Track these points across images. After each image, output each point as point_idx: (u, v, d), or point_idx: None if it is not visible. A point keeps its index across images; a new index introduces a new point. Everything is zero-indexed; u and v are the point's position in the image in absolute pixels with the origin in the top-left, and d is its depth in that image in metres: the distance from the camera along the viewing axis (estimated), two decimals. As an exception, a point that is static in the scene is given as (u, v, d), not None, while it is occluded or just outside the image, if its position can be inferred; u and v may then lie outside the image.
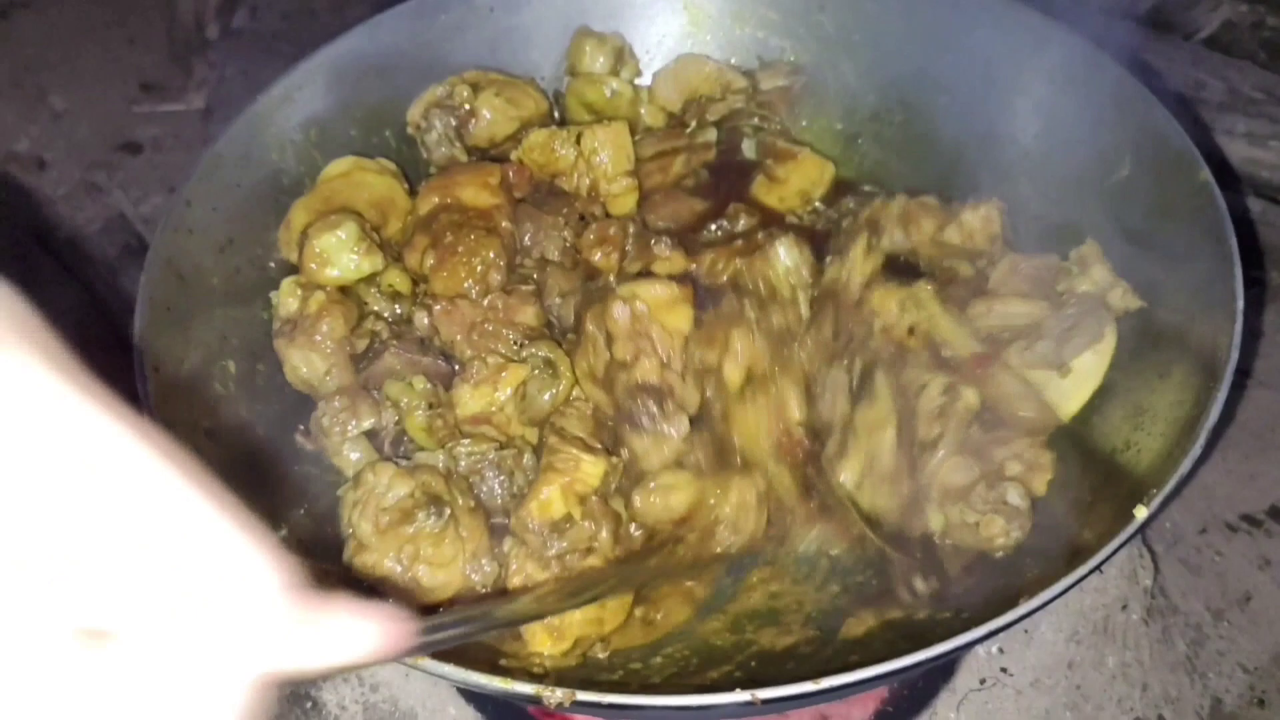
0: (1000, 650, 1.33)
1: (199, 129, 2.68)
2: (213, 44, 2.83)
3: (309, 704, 1.27)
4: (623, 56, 1.69)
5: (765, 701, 0.95)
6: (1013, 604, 0.97)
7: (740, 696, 0.95)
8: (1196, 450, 1.07)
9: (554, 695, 0.95)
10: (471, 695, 1.29)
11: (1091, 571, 0.99)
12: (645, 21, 1.76)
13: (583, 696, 0.96)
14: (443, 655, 0.97)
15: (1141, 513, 1.03)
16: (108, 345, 2.27)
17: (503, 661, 1.13)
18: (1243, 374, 2.08)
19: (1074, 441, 1.27)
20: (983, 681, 1.31)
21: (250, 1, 2.96)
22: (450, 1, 1.67)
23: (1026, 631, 1.34)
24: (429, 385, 1.32)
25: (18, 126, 2.70)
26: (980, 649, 1.33)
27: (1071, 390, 1.25)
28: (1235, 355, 1.14)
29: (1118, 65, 1.44)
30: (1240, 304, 1.18)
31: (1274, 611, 1.71)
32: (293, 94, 1.55)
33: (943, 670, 1.33)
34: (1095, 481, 1.20)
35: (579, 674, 1.16)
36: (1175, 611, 1.60)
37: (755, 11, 1.71)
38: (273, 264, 1.47)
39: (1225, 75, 2.40)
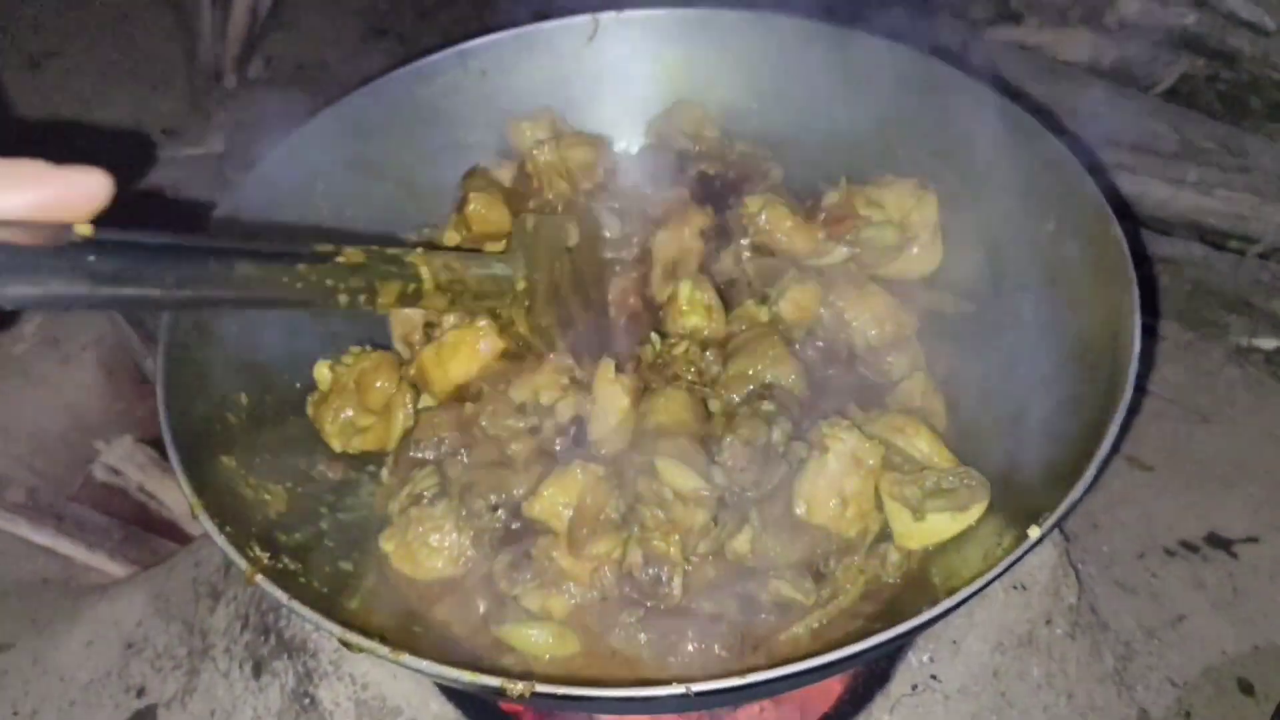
0: (930, 659, 1.47)
1: (216, 172, 2.85)
2: (230, 92, 3.02)
3: (306, 700, 1.42)
4: (557, 126, 1.83)
5: (699, 694, 1.09)
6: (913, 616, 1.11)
7: (676, 690, 1.09)
8: (1089, 476, 1.20)
9: (516, 687, 1.10)
10: (450, 692, 1.43)
11: (989, 584, 1.13)
12: (624, 81, 1.92)
13: (541, 689, 1.10)
14: (422, 652, 1.12)
15: (1035, 532, 1.17)
16: (131, 374, 2.45)
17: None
18: (1193, 410, 2.22)
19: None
20: (914, 687, 1.45)
21: (265, 52, 3.15)
22: (448, 65, 1.84)
23: (955, 642, 1.48)
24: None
25: (48, 169, 2.87)
26: (912, 657, 1.47)
27: (918, 533, 1.33)
28: (1129, 392, 1.26)
29: (1047, 131, 1.58)
30: (1137, 346, 1.30)
31: (1206, 631, 1.84)
32: (302, 150, 1.71)
33: (878, 677, 1.47)
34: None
35: None
36: (1105, 628, 1.74)
37: (723, 78, 1.87)
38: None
39: (1180, 126, 2.54)
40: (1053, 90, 2.62)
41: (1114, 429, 1.24)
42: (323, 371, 1.56)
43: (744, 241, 1.64)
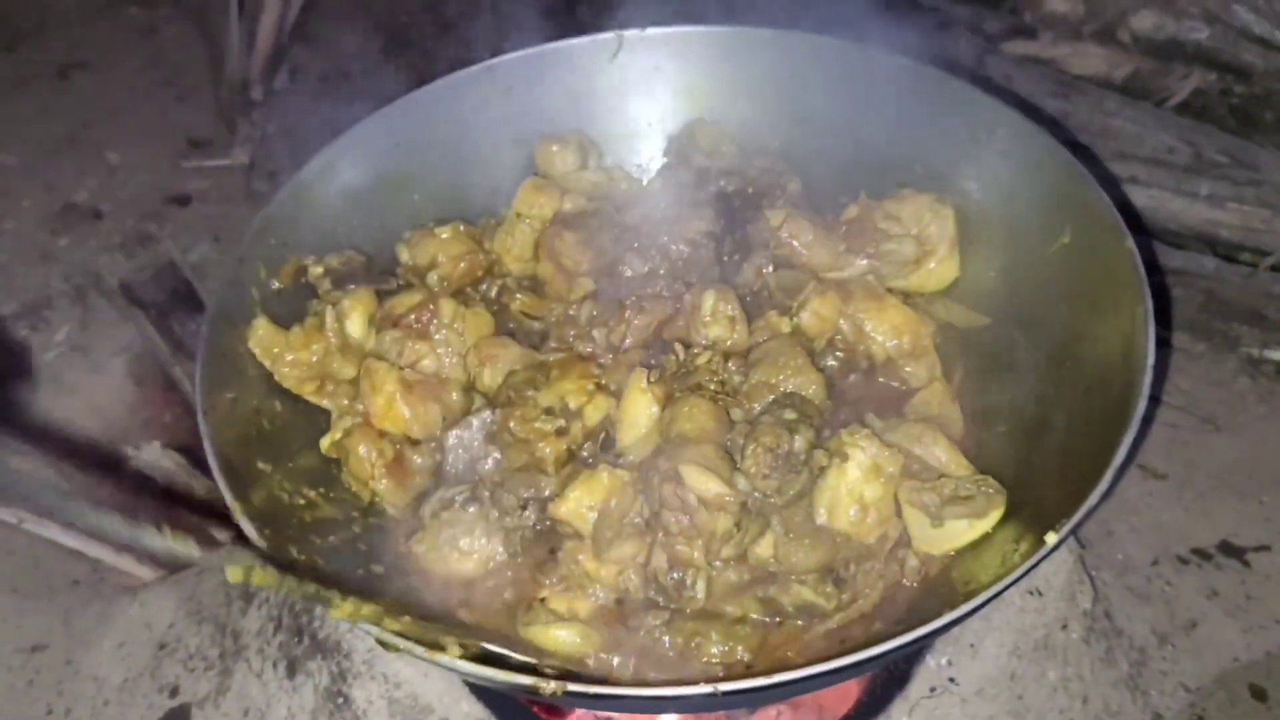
0: (949, 662, 1.50)
1: (242, 183, 2.91)
2: (256, 104, 3.07)
3: (340, 699, 1.46)
4: (585, 150, 1.88)
5: (725, 694, 1.13)
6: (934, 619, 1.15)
7: (703, 689, 1.13)
8: (1105, 483, 1.24)
9: (548, 686, 1.13)
10: (480, 692, 1.47)
11: (1006, 589, 1.17)
12: (647, 97, 1.97)
13: (573, 688, 1.14)
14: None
15: (1052, 538, 1.20)
16: (159, 381, 2.49)
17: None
18: (1206, 420, 2.25)
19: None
20: (933, 690, 1.48)
21: (291, 64, 3.20)
22: (476, 81, 1.88)
23: (972, 646, 1.51)
24: None
25: (76, 179, 2.93)
26: (930, 660, 1.50)
27: (936, 539, 1.37)
28: (1143, 402, 1.30)
29: (1060, 146, 1.62)
30: (1151, 357, 1.34)
31: (1219, 637, 1.87)
32: (334, 163, 1.75)
33: (897, 679, 1.50)
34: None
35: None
36: (1120, 634, 1.77)
37: (744, 95, 1.91)
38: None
39: (1193, 140, 2.58)
40: (1067, 104, 2.66)
41: (1129, 438, 1.27)
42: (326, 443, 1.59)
43: (765, 254, 1.68)
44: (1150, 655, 1.79)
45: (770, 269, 1.68)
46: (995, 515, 1.36)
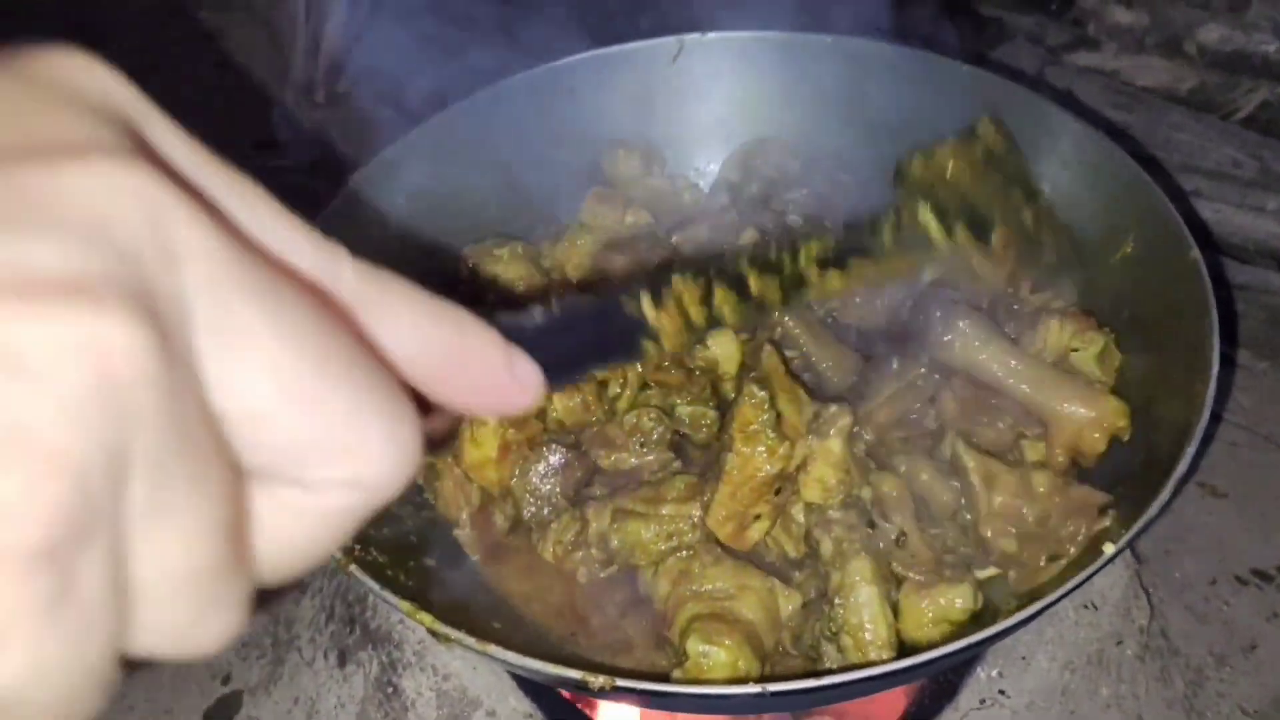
0: (999, 674, 1.49)
1: (305, 186, 2.95)
2: (320, 106, 3.12)
3: (390, 689, 1.48)
4: (650, 158, 1.89)
5: (774, 694, 1.13)
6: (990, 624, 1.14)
7: (752, 689, 1.13)
8: (1164, 496, 1.22)
9: (596, 680, 1.14)
10: (528, 687, 1.48)
11: (1060, 600, 1.15)
12: (707, 102, 1.97)
13: (621, 683, 1.14)
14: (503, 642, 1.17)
15: (1109, 549, 1.19)
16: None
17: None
18: (1268, 439, 2.20)
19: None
20: (982, 701, 1.47)
21: (355, 66, 3.25)
22: (539, 82, 1.90)
23: (1024, 658, 1.49)
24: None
25: (144, 179, 2.99)
26: (980, 672, 1.49)
27: None
28: (1205, 418, 1.28)
29: (1124, 154, 1.60)
30: (1215, 372, 1.32)
31: (1278, 660, 1.83)
32: (395, 164, 1.78)
33: (945, 690, 1.49)
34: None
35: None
36: (1176, 653, 1.73)
37: (805, 103, 1.91)
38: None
39: (1259, 154, 2.54)
40: (1130, 116, 2.63)
41: (1191, 449, 1.26)
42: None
43: None
44: (1207, 676, 1.76)
45: None
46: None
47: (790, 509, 1.38)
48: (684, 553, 1.35)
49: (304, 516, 0.37)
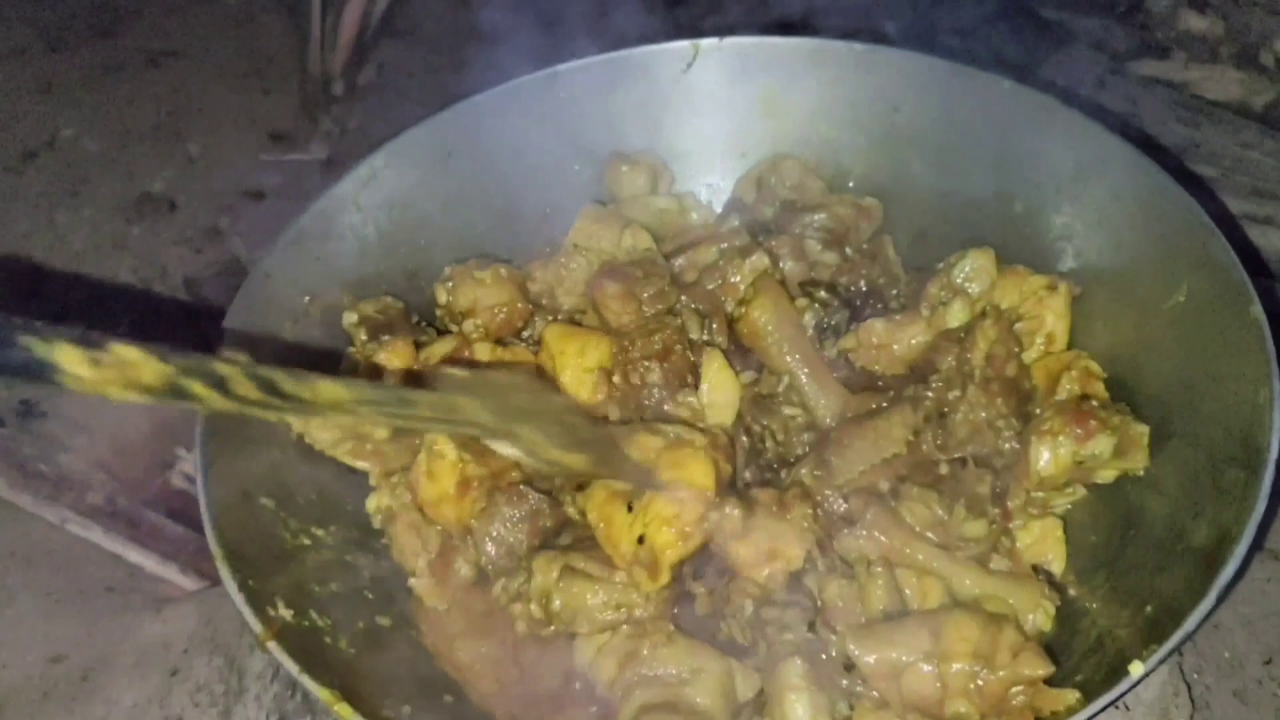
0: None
1: (319, 180, 2.83)
2: (338, 99, 3.00)
3: None
4: (657, 173, 1.73)
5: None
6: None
7: None
8: (1205, 608, 1.05)
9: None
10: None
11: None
12: (721, 112, 1.81)
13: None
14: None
15: (1137, 669, 1.02)
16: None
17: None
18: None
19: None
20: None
21: (378, 59, 3.13)
22: (537, 88, 1.75)
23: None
24: None
25: (154, 168, 2.90)
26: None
27: None
28: (1268, 482, 1.11)
29: (1183, 192, 1.41)
30: (1274, 453, 1.14)
31: (1341, 755, 1.63)
32: (377, 173, 1.64)
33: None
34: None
35: None
36: (1222, 752, 1.55)
37: (825, 114, 1.74)
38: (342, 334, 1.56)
39: (1341, 179, 2.31)
40: (1197, 132, 2.41)
41: (1250, 531, 1.08)
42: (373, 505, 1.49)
43: None
44: (1257, 776, 1.57)
45: None
46: None
47: (735, 597, 1.25)
48: (631, 628, 1.21)
49: None
